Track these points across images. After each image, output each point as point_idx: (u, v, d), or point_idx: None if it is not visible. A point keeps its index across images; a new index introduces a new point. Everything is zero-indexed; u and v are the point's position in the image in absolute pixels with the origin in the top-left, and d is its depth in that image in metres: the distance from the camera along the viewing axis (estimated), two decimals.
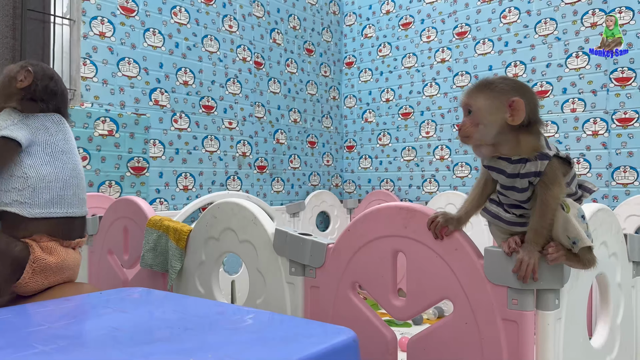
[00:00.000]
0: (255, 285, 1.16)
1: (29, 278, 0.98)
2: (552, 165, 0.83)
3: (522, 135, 0.85)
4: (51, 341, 0.54)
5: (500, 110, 0.84)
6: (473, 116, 0.86)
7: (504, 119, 0.84)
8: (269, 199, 2.90)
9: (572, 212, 0.81)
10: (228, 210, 1.21)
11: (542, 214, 0.81)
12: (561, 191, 0.82)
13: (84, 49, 2.14)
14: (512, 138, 0.85)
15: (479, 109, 0.85)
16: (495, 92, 0.85)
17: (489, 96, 0.85)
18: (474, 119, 0.86)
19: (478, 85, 0.88)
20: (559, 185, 0.83)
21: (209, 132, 2.61)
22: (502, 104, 0.84)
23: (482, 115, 0.85)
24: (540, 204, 0.82)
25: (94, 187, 2.11)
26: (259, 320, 0.62)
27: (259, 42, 2.89)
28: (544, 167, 0.82)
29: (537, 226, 0.81)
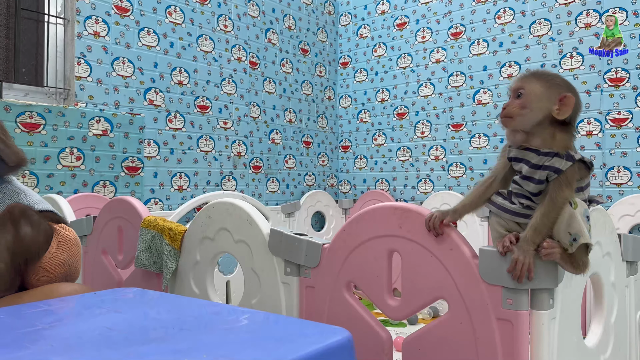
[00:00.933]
0: (250, 286, 1.16)
1: (55, 250, 1.02)
2: (573, 169, 0.85)
3: (558, 131, 0.88)
4: (45, 342, 0.53)
5: (551, 101, 0.87)
6: (523, 99, 0.89)
7: (551, 110, 0.87)
8: (264, 199, 2.89)
9: (579, 210, 0.82)
10: (223, 210, 1.20)
11: (547, 212, 0.82)
12: (571, 195, 0.84)
13: (78, 48, 2.13)
14: (548, 131, 0.88)
15: (531, 93, 0.88)
16: (550, 83, 0.89)
17: (545, 85, 0.88)
18: (524, 102, 0.88)
19: (534, 72, 0.91)
20: (571, 189, 0.85)
21: (204, 132, 2.60)
22: (554, 96, 0.87)
23: (532, 100, 0.88)
24: (548, 201, 0.84)
25: (88, 187, 2.10)
26: (254, 320, 0.62)
27: (254, 42, 2.88)
28: (566, 168, 0.85)
29: (538, 224, 0.82)
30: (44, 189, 1.96)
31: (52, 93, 2.14)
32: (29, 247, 0.98)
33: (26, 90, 2.08)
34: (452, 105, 2.89)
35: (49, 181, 1.98)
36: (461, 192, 2.79)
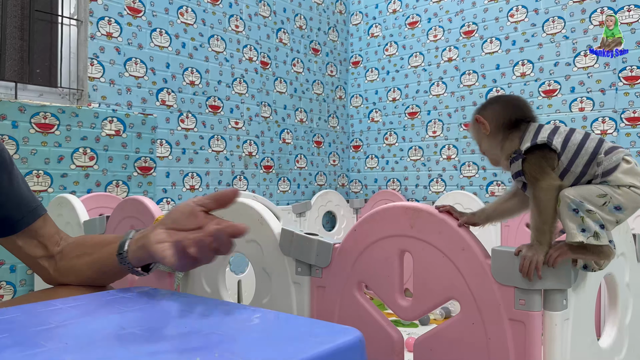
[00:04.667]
0: (261, 285, 1.16)
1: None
2: (529, 161, 0.85)
3: (507, 139, 0.90)
4: (59, 340, 0.54)
5: (477, 130, 0.95)
6: (479, 146, 0.97)
7: (482, 135, 0.93)
8: (275, 198, 2.90)
9: (562, 206, 0.80)
10: (234, 209, 1.21)
11: (537, 210, 0.82)
12: (550, 181, 0.82)
13: (91, 49, 2.15)
14: (500, 146, 0.92)
15: (474, 138, 0.97)
16: (472, 118, 0.96)
17: (471, 125, 0.97)
18: (480, 148, 0.97)
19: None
20: (546, 176, 0.82)
21: (216, 132, 2.62)
22: (476, 124, 0.95)
23: (477, 141, 0.96)
24: (531, 200, 0.84)
25: (102, 187, 2.12)
26: (265, 319, 0.62)
27: (265, 41, 2.89)
28: (522, 165, 0.86)
29: (536, 224, 0.82)
30: (58, 188, 1.98)
31: (65, 94, 2.17)
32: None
33: (40, 91, 2.11)
34: (465, 104, 2.87)
35: (62, 181, 2.00)
36: (473, 191, 2.78)
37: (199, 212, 0.71)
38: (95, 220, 1.56)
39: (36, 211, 0.84)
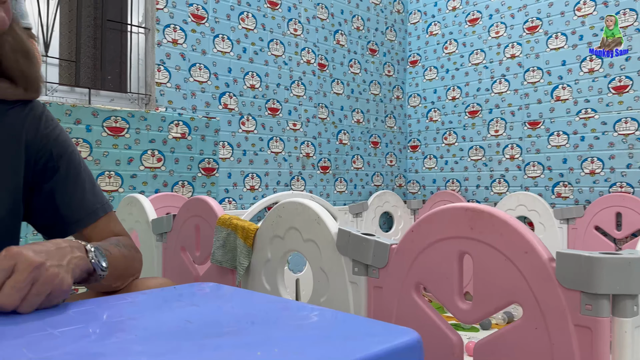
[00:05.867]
0: (318, 284, 1.17)
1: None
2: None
3: None
4: (129, 331, 0.57)
5: None
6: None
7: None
8: (332, 199, 2.92)
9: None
10: (292, 209, 1.23)
11: None
12: None
13: (158, 55, 2.26)
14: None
15: None
16: None
17: None
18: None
19: None
20: None
21: (274, 134, 2.67)
22: None
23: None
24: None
25: (168, 187, 2.22)
26: (323, 317, 0.63)
27: (323, 44, 2.92)
28: None
29: None
30: (128, 188, 2.09)
31: (134, 99, 2.29)
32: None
33: (111, 96, 2.24)
34: (529, 102, 2.76)
35: (132, 181, 2.11)
36: (538, 192, 2.67)
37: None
38: (163, 218, 1.63)
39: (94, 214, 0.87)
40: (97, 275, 0.72)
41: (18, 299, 0.59)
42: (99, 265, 0.72)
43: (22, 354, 0.47)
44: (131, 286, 0.84)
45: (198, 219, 1.51)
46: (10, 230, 0.80)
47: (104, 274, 0.73)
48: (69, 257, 0.66)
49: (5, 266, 0.59)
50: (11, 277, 0.59)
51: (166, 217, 1.62)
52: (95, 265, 0.71)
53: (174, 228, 1.60)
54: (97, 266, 0.72)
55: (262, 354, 0.47)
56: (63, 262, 0.64)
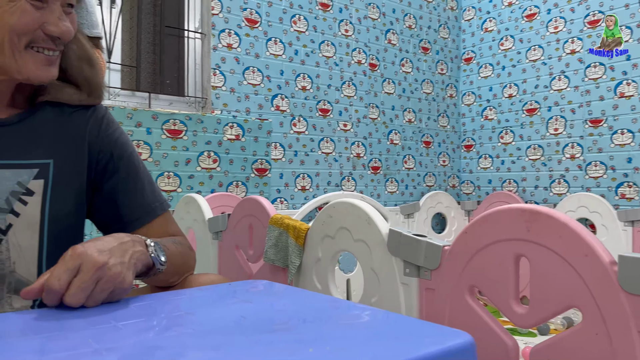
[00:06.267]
0: (369, 284, 1.17)
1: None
2: None
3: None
4: (186, 325, 0.60)
5: None
6: None
7: None
8: (382, 199, 2.90)
9: None
10: (343, 210, 1.24)
11: None
12: None
13: (213, 60, 2.33)
14: None
15: None
16: None
17: None
18: None
19: None
20: None
21: (325, 135, 2.68)
22: None
23: None
24: None
25: (223, 187, 2.29)
26: (374, 317, 0.63)
27: (374, 43, 2.91)
28: None
29: None
30: (186, 188, 2.17)
31: (191, 102, 2.37)
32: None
33: (170, 100, 2.32)
34: (590, 99, 2.64)
35: (189, 182, 2.19)
36: (601, 193, 2.55)
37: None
38: (218, 217, 1.68)
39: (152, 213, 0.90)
40: (155, 270, 0.75)
41: (83, 298, 0.63)
42: (158, 259, 0.75)
43: (88, 344, 0.50)
44: (185, 282, 0.87)
45: (251, 219, 1.54)
46: (75, 227, 0.85)
47: (162, 269, 0.76)
48: (131, 252, 0.69)
49: (72, 266, 0.63)
50: (77, 277, 0.63)
51: (221, 216, 1.66)
52: (155, 260, 0.74)
53: (228, 227, 1.64)
54: (157, 260, 0.75)
55: (314, 350, 0.48)
56: (125, 259, 0.68)
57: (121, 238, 0.70)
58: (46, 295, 0.62)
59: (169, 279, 0.83)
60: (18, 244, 0.77)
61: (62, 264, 0.63)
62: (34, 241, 0.78)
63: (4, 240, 0.75)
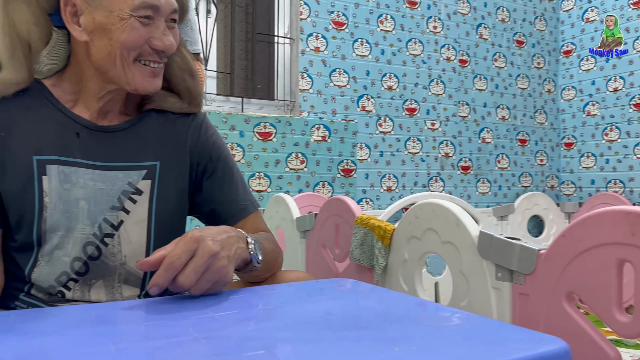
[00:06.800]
0: (458, 288, 1.14)
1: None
2: None
3: None
4: (277, 319, 0.63)
5: None
6: None
7: None
8: (473, 200, 2.81)
9: None
10: (430, 210, 1.22)
11: None
12: None
13: (301, 63, 2.39)
14: None
15: None
16: None
17: None
18: None
19: None
20: None
21: (412, 134, 2.65)
22: None
23: None
24: None
25: (310, 187, 2.34)
26: (463, 320, 0.62)
27: (464, 39, 2.82)
28: None
29: None
30: (275, 189, 2.25)
31: (281, 105, 2.45)
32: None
33: (261, 104, 2.42)
34: None
35: (278, 182, 2.26)
36: None
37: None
38: (306, 217, 1.72)
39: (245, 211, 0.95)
40: (252, 266, 0.79)
41: (194, 281, 0.67)
42: (256, 257, 0.79)
43: (188, 333, 0.54)
44: (274, 278, 0.91)
45: (337, 218, 1.57)
46: (178, 224, 0.92)
47: (259, 266, 0.80)
48: (235, 247, 0.74)
49: (190, 248, 0.67)
50: (192, 260, 0.67)
51: (308, 215, 1.70)
52: (253, 257, 0.78)
53: (315, 226, 1.68)
54: (255, 258, 0.78)
55: (400, 350, 0.48)
56: (230, 253, 0.72)
57: (229, 231, 0.74)
58: (164, 270, 0.66)
59: (261, 275, 0.87)
60: (128, 238, 0.84)
61: (182, 244, 0.67)
62: (142, 236, 0.85)
63: (116, 235, 0.83)
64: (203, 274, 0.67)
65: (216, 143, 0.95)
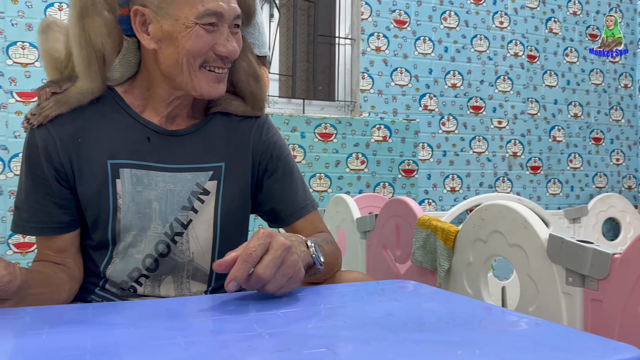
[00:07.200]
0: (526, 293, 1.10)
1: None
2: None
3: None
4: (339, 318, 0.63)
5: None
6: None
7: None
8: (543, 202, 2.69)
9: None
10: (496, 212, 1.18)
11: None
12: None
13: (362, 64, 2.39)
14: None
15: None
16: None
17: None
18: None
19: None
20: None
21: (477, 133, 2.58)
22: None
23: None
24: None
25: (371, 187, 2.33)
26: (531, 325, 0.60)
27: (533, 34, 2.71)
28: None
29: None
30: (335, 189, 2.26)
31: (341, 106, 2.46)
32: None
33: (322, 105, 2.44)
34: None
35: (339, 182, 2.27)
36: None
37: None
38: (366, 217, 1.72)
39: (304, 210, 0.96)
40: (315, 269, 0.79)
41: (272, 273, 0.66)
42: (318, 259, 0.79)
43: (252, 329, 0.56)
44: (332, 278, 0.92)
45: (398, 219, 1.55)
46: (242, 222, 0.95)
47: (322, 269, 0.80)
48: (300, 249, 0.75)
49: (264, 242, 0.67)
50: (268, 252, 0.67)
51: (369, 216, 1.70)
52: (316, 260, 0.78)
53: (376, 227, 1.67)
54: (317, 261, 0.79)
55: (463, 353, 0.48)
56: (299, 251, 0.73)
57: (289, 236, 0.74)
58: (241, 263, 0.66)
59: (322, 276, 0.88)
60: (196, 236, 0.88)
61: (255, 239, 0.68)
62: (209, 234, 0.89)
63: (185, 234, 0.87)
64: (279, 267, 0.67)
65: (277, 143, 0.97)
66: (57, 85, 0.85)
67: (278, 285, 0.67)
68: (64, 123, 0.83)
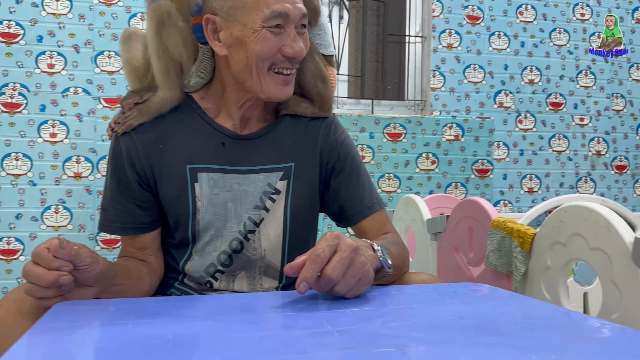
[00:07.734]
0: (609, 299, 1.04)
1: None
2: None
3: None
4: (408, 319, 0.63)
5: None
6: None
7: None
8: (630, 203, 2.51)
9: None
10: (577, 214, 1.12)
11: None
12: None
13: (433, 62, 2.34)
14: None
15: None
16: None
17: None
18: None
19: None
20: None
21: (557, 131, 2.45)
22: None
23: None
24: None
25: (442, 188, 2.28)
26: (615, 333, 0.56)
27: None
28: None
29: None
30: (405, 189, 2.23)
31: (411, 105, 2.43)
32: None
33: (390, 105, 2.42)
34: None
35: (408, 183, 2.25)
36: None
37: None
38: (437, 219, 1.69)
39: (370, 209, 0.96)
40: (384, 272, 0.78)
41: (341, 274, 0.67)
42: (386, 263, 0.78)
43: (322, 325, 0.57)
44: (401, 279, 0.91)
45: (471, 221, 1.51)
46: (310, 220, 0.97)
47: (390, 272, 0.79)
48: (367, 253, 0.75)
49: (332, 243, 0.68)
50: (336, 254, 0.67)
51: (440, 217, 1.67)
52: (384, 264, 0.78)
53: (447, 228, 1.64)
54: (385, 264, 0.78)
55: (537, 358, 0.46)
56: (367, 254, 0.72)
57: (356, 240, 0.74)
58: (310, 263, 0.66)
59: (390, 278, 0.87)
60: (267, 234, 0.91)
61: (323, 240, 0.68)
62: (279, 232, 0.92)
63: (257, 232, 0.91)
64: (348, 268, 0.67)
65: (344, 142, 0.98)
66: (139, 95, 0.90)
67: (347, 286, 0.67)
68: (145, 131, 0.88)
